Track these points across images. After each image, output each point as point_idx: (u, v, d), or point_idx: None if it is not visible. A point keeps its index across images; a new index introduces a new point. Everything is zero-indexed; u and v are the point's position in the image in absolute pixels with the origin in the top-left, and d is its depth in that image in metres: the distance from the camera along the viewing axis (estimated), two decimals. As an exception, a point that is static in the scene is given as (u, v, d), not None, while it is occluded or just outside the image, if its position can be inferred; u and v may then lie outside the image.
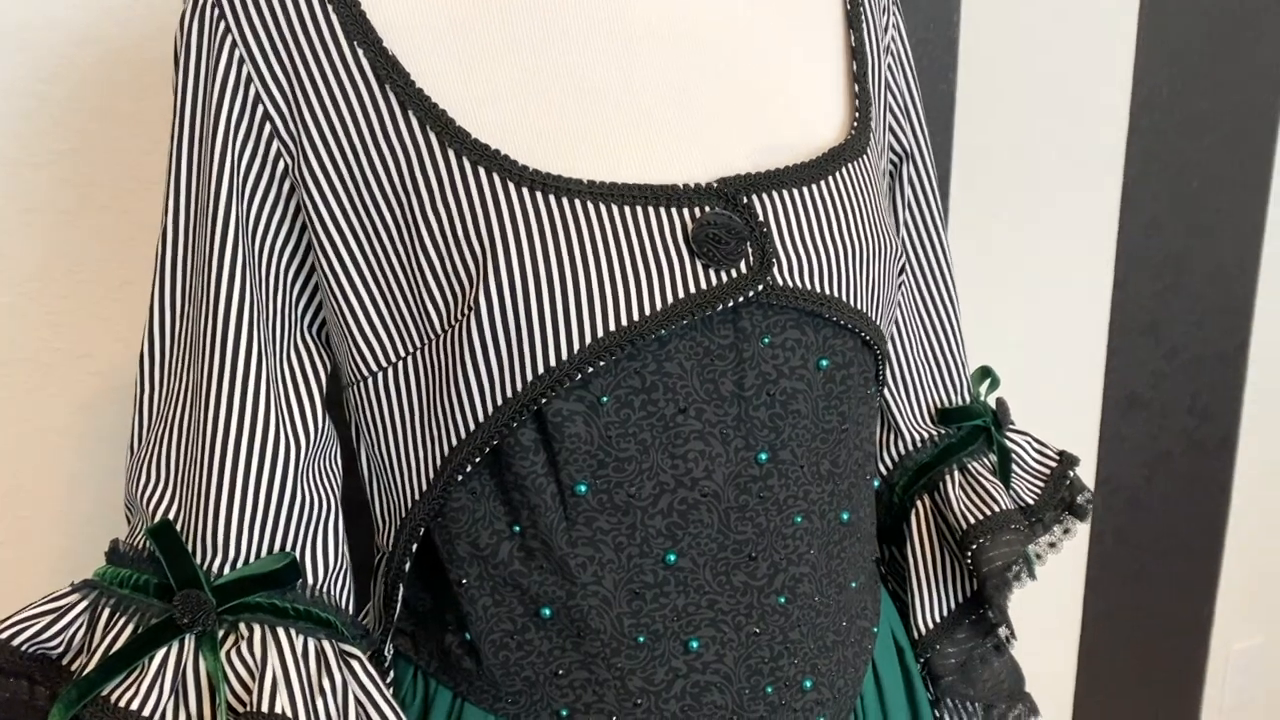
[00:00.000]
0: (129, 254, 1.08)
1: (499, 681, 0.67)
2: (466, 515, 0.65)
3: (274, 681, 0.59)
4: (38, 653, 0.61)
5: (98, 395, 1.12)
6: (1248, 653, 1.86)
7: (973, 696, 0.83)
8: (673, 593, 0.65)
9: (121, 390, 1.12)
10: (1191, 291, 1.65)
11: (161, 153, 1.07)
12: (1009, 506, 0.78)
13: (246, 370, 0.62)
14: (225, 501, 0.62)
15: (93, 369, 1.11)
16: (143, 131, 1.06)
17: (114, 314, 1.10)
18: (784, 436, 0.65)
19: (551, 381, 0.60)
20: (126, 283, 1.09)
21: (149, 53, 1.04)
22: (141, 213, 1.07)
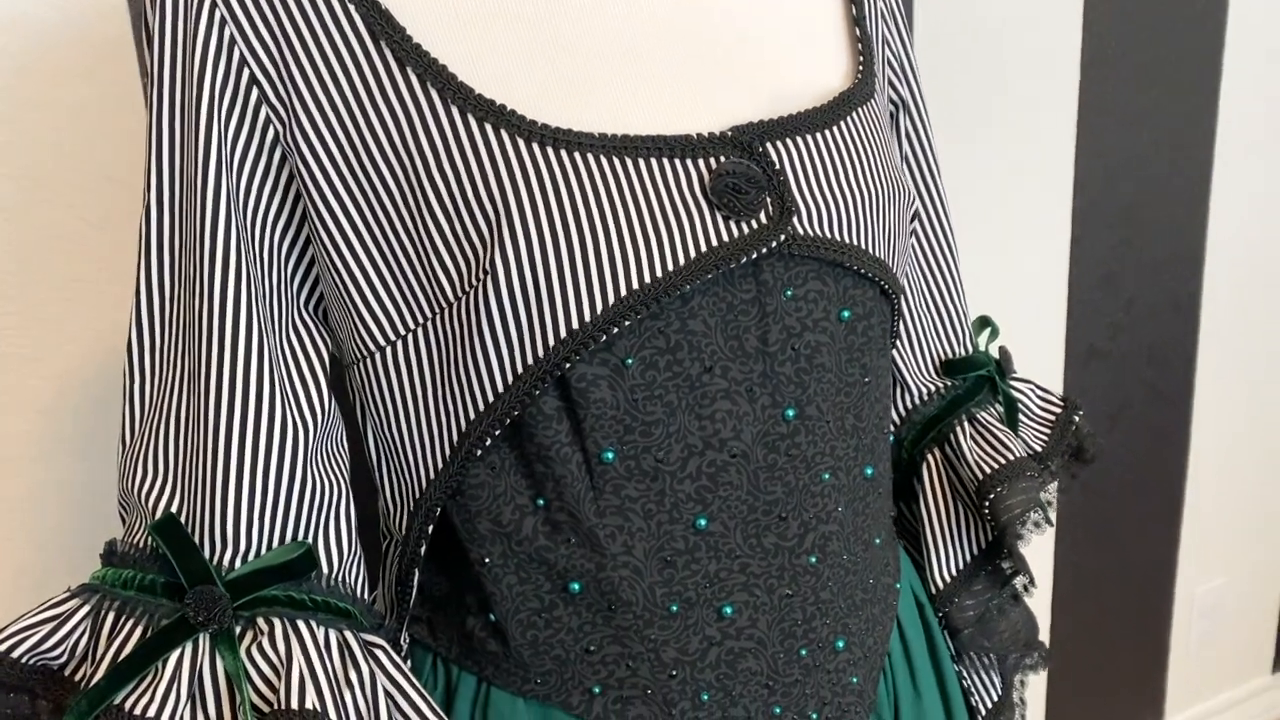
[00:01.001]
0: (77, 250, 1.03)
1: (528, 662, 0.64)
2: (486, 491, 0.62)
3: (301, 677, 0.56)
4: (39, 664, 0.57)
5: (53, 400, 1.07)
6: (1210, 594, 1.91)
7: (990, 648, 0.82)
8: (704, 558, 0.63)
9: (78, 392, 1.07)
10: (1145, 243, 1.67)
11: (108, 142, 1.01)
12: (1022, 454, 0.77)
13: (248, 351, 0.59)
14: (233, 492, 0.58)
15: (45, 373, 1.05)
16: (88, 121, 1.00)
17: (63, 314, 1.04)
18: (810, 392, 0.63)
19: (575, 345, 0.57)
20: (76, 280, 1.04)
21: (92, 36, 0.99)
22: (87, 206, 1.02)
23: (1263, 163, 1.73)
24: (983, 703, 0.85)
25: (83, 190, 1.01)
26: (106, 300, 1.04)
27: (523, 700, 0.65)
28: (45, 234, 1.01)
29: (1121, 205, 1.63)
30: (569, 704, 0.65)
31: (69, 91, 0.99)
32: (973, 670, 0.85)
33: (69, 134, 1.00)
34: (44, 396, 1.05)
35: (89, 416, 1.08)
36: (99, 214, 1.03)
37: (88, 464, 1.08)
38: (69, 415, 1.08)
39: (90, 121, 1.00)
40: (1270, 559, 1.98)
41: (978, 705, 0.84)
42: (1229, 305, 1.77)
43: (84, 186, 1.01)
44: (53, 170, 1.00)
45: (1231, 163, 1.70)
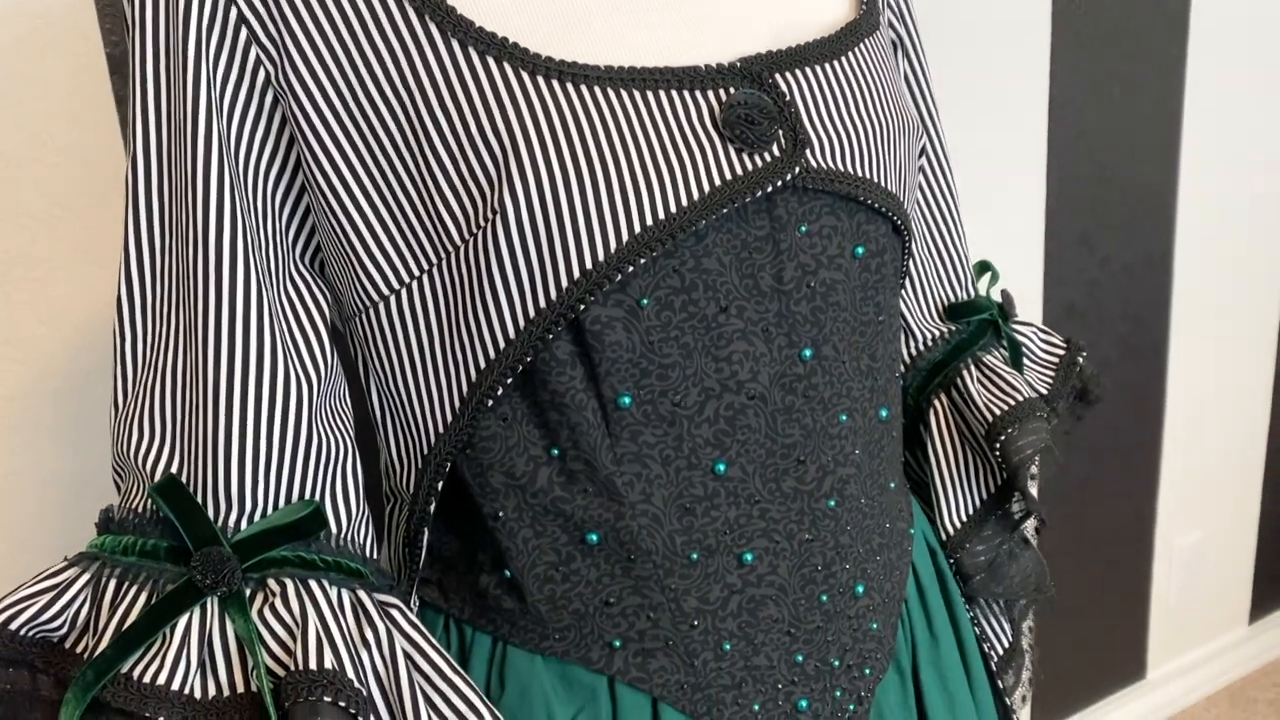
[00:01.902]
0: (47, 232, 0.99)
1: (545, 618, 0.63)
2: (499, 443, 0.61)
3: (318, 637, 0.53)
4: (38, 636, 0.55)
5: (25, 385, 1.03)
6: (1189, 548, 1.93)
7: (1001, 594, 0.82)
8: (723, 505, 0.62)
9: (52, 377, 1.03)
10: (1119, 200, 1.68)
11: (78, 121, 0.97)
12: (1030, 395, 0.76)
13: (246, 302, 0.56)
14: (236, 450, 0.56)
15: (15, 356, 1.01)
16: (56, 99, 0.96)
17: (34, 298, 1.00)
18: (826, 331, 0.62)
19: (590, 285, 0.55)
20: (47, 262, 1.00)
21: (59, 10, 0.95)
22: (51, 182, 0.98)
23: (1231, 120, 1.74)
24: (995, 649, 0.85)
25: (52, 169, 0.98)
26: (81, 283, 1.00)
27: (541, 658, 0.63)
28: (12, 215, 0.97)
29: (1095, 164, 1.63)
30: (589, 659, 0.63)
31: (36, 67, 0.95)
32: (984, 617, 0.84)
33: (36, 112, 0.96)
34: (15, 383, 1.01)
35: (64, 403, 1.05)
36: (70, 194, 0.99)
37: (62, 452, 1.04)
38: (44, 400, 1.04)
39: (59, 99, 0.96)
40: (1245, 512, 2.00)
41: (990, 652, 0.83)
42: (1201, 261, 1.79)
43: (43, 161, 0.97)
44: (19, 150, 0.96)
45: (1200, 120, 1.71)
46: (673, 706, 0.63)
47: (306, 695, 0.51)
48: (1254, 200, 1.82)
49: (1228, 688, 2.03)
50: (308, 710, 0.51)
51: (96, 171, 1.00)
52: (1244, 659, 2.06)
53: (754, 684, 0.64)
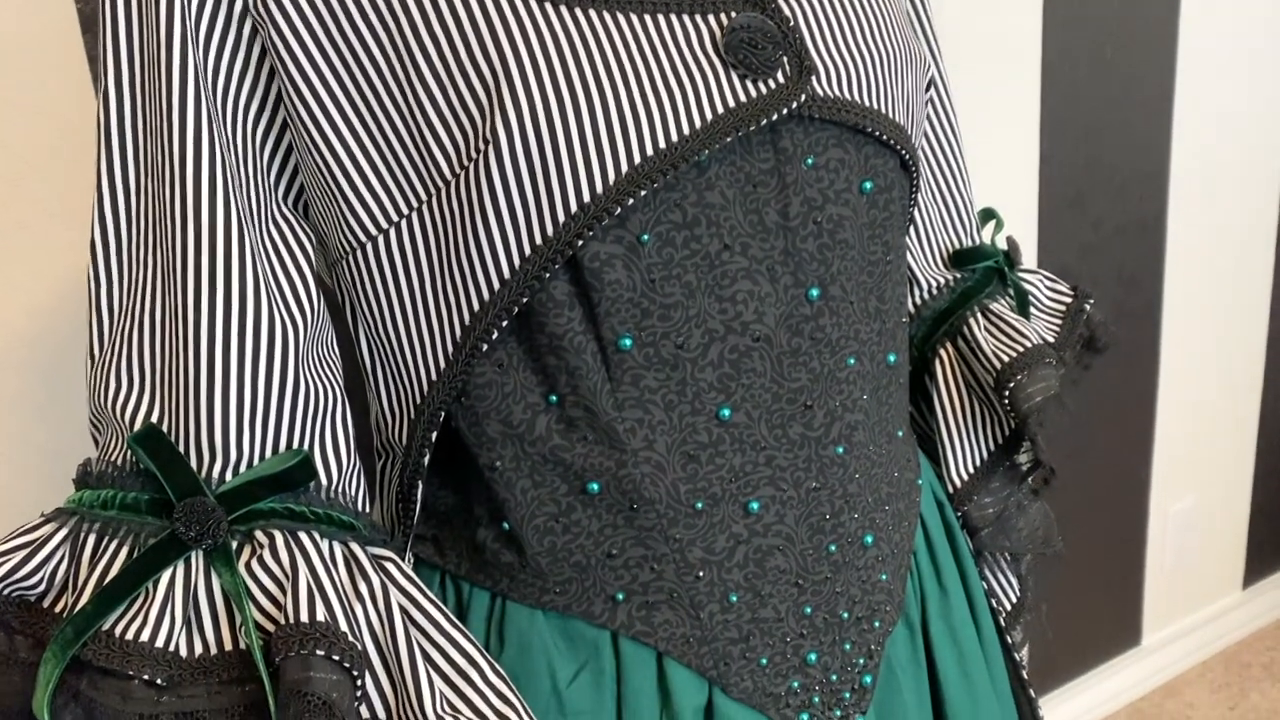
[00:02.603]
0: (15, 193, 0.96)
1: (545, 571, 0.60)
2: (494, 391, 0.58)
3: (309, 589, 0.51)
4: (14, 595, 0.52)
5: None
6: (1183, 513, 1.92)
7: (1009, 547, 0.80)
8: (728, 451, 0.59)
9: (26, 346, 1.00)
10: (1111, 161, 1.66)
11: (47, 77, 0.94)
12: (1039, 341, 0.74)
13: (227, 242, 0.53)
14: (219, 397, 0.53)
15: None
16: (24, 55, 0.93)
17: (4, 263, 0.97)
18: (833, 270, 0.60)
19: (588, 220, 0.53)
20: (18, 227, 0.96)
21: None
22: (20, 145, 0.95)
23: (1223, 80, 1.73)
24: (1003, 604, 0.83)
25: (21, 131, 0.94)
26: (54, 248, 0.97)
27: (541, 613, 0.61)
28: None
29: (1087, 126, 1.61)
30: (591, 613, 0.61)
31: (4, 27, 0.91)
32: (992, 571, 0.83)
33: (4, 71, 0.93)
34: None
35: (36, 373, 1.01)
36: (40, 154, 0.96)
37: (34, 424, 1.01)
38: (15, 372, 1.01)
39: (29, 55, 0.93)
40: (1239, 476, 2.00)
41: (998, 606, 0.81)
42: (1194, 223, 1.77)
43: (23, 128, 0.94)
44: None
45: (1193, 80, 1.69)
46: (678, 661, 0.61)
47: (298, 649, 0.49)
48: (1247, 163, 1.81)
49: (1222, 653, 2.02)
50: (300, 665, 0.49)
51: (68, 134, 0.96)
52: (1238, 624, 2.05)
53: (761, 637, 0.62)
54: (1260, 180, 1.84)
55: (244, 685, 0.51)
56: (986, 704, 0.73)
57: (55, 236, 0.97)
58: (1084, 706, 1.85)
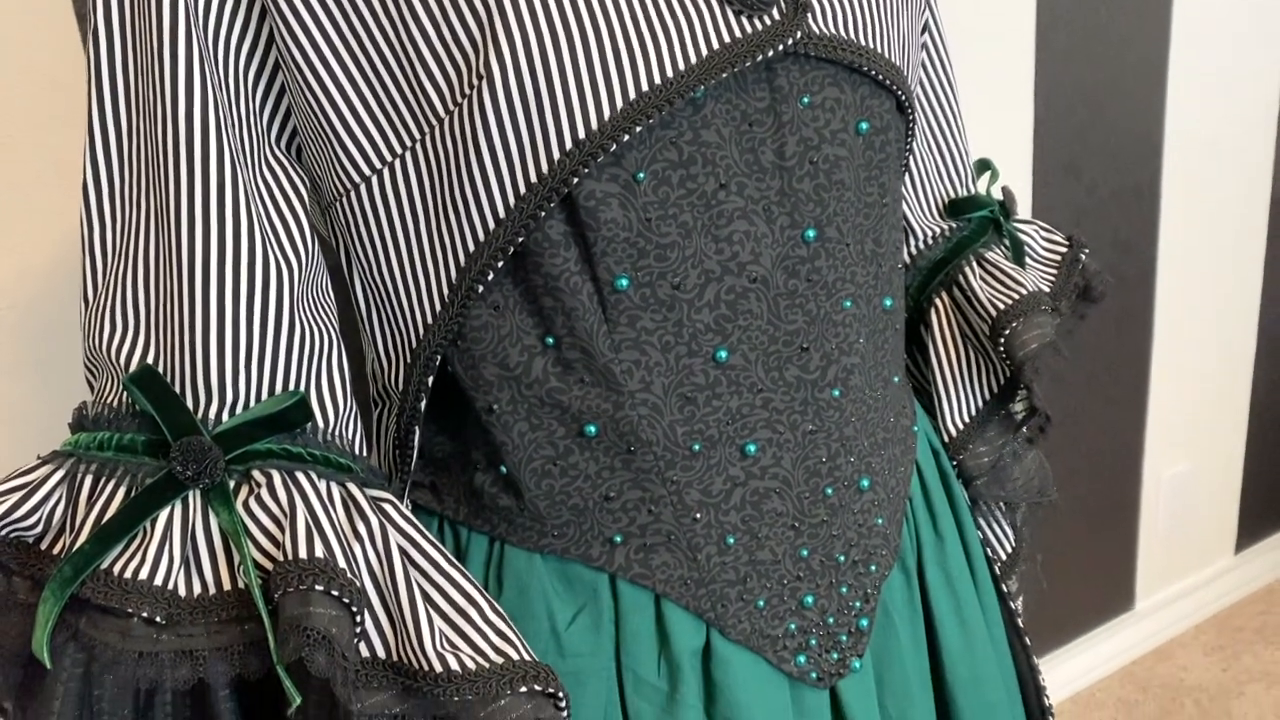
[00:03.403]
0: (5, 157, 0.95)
1: (544, 514, 0.60)
2: (490, 333, 0.58)
3: (308, 526, 0.51)
4: (12, 536, 0.52)
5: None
6: (1177, 479, 1.93)
7: (1004, 496, 0.80)
8: (725, 394, 0.60)
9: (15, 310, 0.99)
10: (1106, 126, 1.66)
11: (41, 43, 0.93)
12: (1035, 289, 0.74)
13: (220, 182, 0.53)
14: (215, 337, 0.53)
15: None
16: (15, 20, 0.92)
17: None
18: (830, 211, 0.60)
19: (583, 157, 0.53)
20: (9, 188, 0.96)
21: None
22: (8, 107, 0.94)
23: (1218, 45, 1.72)
24: (998, 554, 0.83)
25: (8, 93, 0.93)
26: (45, 210, 0.96)
27: (540, 556, 0.61)
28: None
29: (1082, 90, 1.61)
30: (589, 556, 0.61)
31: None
32: (987, 521, 0.83)
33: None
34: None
35: (30, 336, 1.01)
36: (30, 115, 0.95)
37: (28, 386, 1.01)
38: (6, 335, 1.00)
39: (17, 16, 0.92)
40: (1232, 442, 2.01)
41: (993, 556, 0.82)
42: (1189, 189, 1.77)
43: (9, 89, 0.93)
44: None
45: (1187, 45, 1.69)
46: (676, 603, 0.61)
47: (297, 585, 0.49)
48: (1242, 128, 1.81)
49: (1215, 617, 2.04)
50: (298, 600, 0.49)
51: (58, 94, 0.95)
52: (1231, 588, 2.07)
53: (759, 579, 0.63)
54: (1255, 146, 1.84)
55: (243, 624, 0.51)
56: (982, 650, 0.73)
57: (46, 198, 0.97)
58: (1077, 670, 1.87)
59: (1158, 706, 1.82)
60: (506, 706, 0.51)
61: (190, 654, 0.51)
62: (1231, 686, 1.85)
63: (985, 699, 0.73)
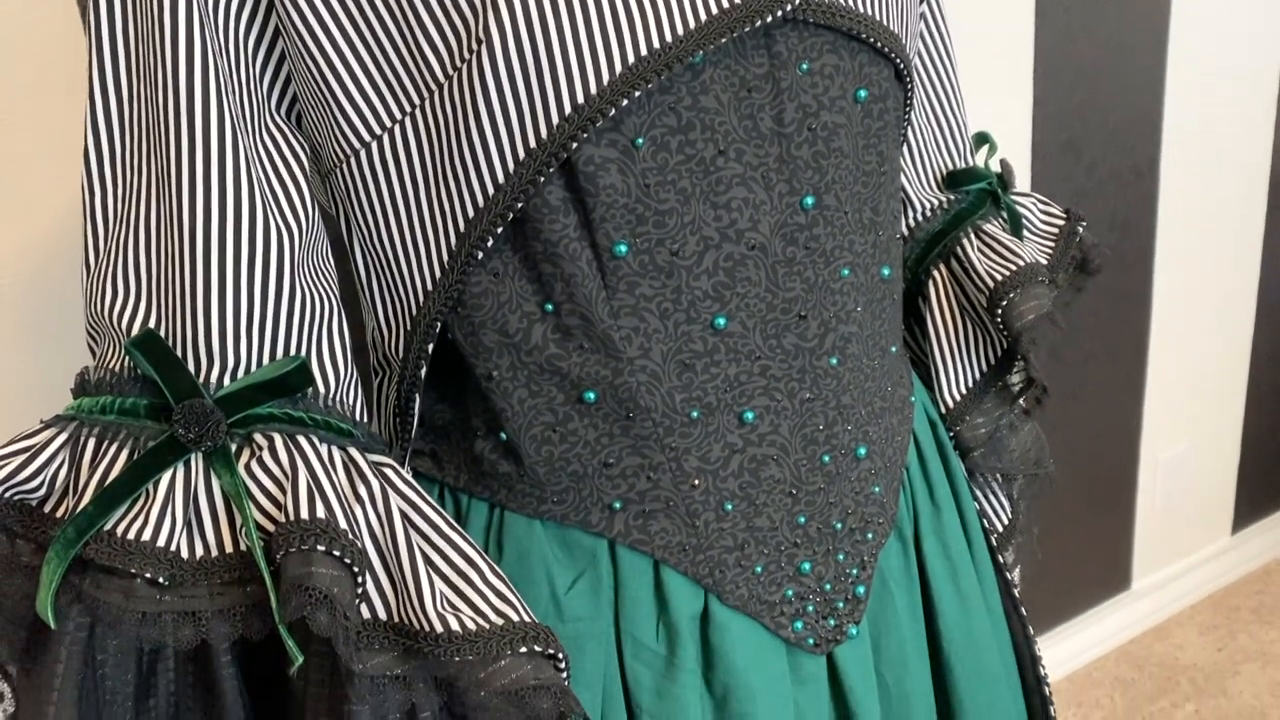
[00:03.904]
0: (4, 131, 0.95)
1: (543, 481, 0.61)
2: (490, 300, 0.58)
3: (309, 487, 0.51)
4: (16, 499, 0.52)
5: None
6: (1173, 459, 1.94)
7: (1001, 468, 0.81)
8: (724, 361, 0.60)
9: (17, 281, 0.99)
10: (1105, 105, 1.66)
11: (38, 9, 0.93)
12: (1033, 260, 0.75)
13: (221, 146, 0.53)
14: (216, 302, 0.53)
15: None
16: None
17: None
18: (828, 179, 0.60)
19: (582, 121, 0.53)
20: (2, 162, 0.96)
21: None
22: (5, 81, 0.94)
23: (1218, 25, 1.72)
24: (994, 526, 0.84)
25: (6, 62, 0.93)
26: (43, 179, 0.97)
27: (540, 522, 0.62)
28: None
29: (1082, 69, 1.61)
30: (588, 522, 0.61)
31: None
32: (984, 493, 0.83)
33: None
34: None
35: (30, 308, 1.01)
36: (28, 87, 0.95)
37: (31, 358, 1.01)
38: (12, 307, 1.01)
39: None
40: (1230, 422, 2.01)
41: (990, 528, 0.82)
42: (1188, 169, 1.77)
43: (8, 58, 0.93)
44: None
45: (1187, 25, 1.68)
46: (674, 569, 0.62)
47: (299, 545, 0.49)
48: (1242, 108, 1.81)
49: (1211, 597, 2.05)
50: (300, 560, 0.49)
51: (56, 67, 0.95)
52: (1227, 568, 2.08)
53: (756, 545, 0.63)
54: (1254, 126, 1.84)
55: (245, 586, 0.52)
56: (979, 619, 0.74)
57: (45, 171, 0.97)
58: (1074, 649, 1.88)
59: (1154, 685, 1.83)
60: (507, 667, 0.51)
61: (193, 615, 0.51)
62: (1227, 666, 1.86)
63: (981, 667, 0.74)
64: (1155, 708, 1.78)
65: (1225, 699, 1.78)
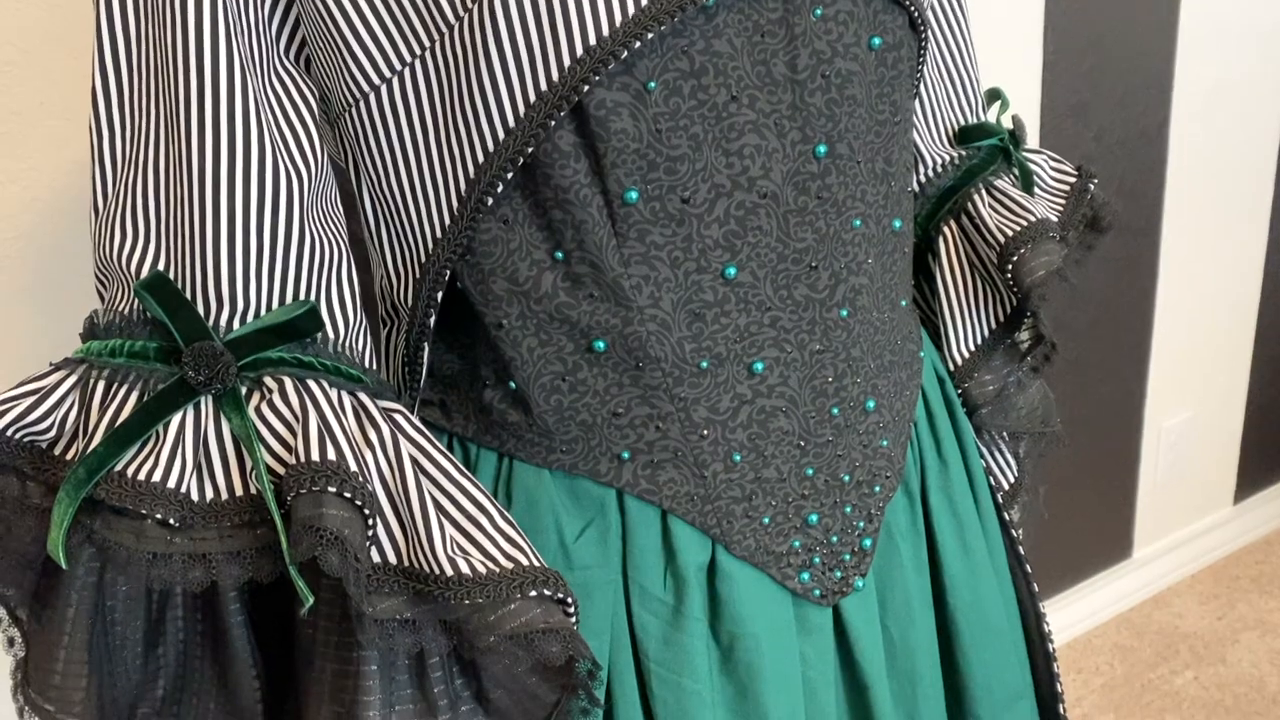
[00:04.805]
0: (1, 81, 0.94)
1: (552, 430, 0.61)
2: (500, 247, 0.58)
3: (320, 430, 0.51)
4: (26, 440, 0.52)
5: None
6: (1177, 428, 1.94)
7: (1008, 426, 0.81)
8: (734, 311, 0.60)
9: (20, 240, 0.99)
10: (1115, 70, 1.65)
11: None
12: (1044, 216, 0.74)
13: (230, 89, 0.53)
14: (225, 245, 0.53)
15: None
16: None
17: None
18: (841, 127, 0.59)
19: (594, 64, 0.52)
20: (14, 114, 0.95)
21: None
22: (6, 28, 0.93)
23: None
24: (1000, 484, 0.84)
25: (10, 15, 0.92)
26: (47, 134, 0.96)
27: (548, 472, 0.62)
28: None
29: (1091, 33, 1.59)
30: (597, 472, 0.61)
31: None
32: (991, 451, 0.83)
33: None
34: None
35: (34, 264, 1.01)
36: (33, 40, 0.94)
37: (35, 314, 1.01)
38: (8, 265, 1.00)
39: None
40: (1234, 392, 2.01)
41: (996, 485, 0.82)
42: (1197, 136, 1.76)
43: (12, 10, 0.92)
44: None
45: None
46: (682, 519, 0.62)
47: (310, 486, 0.49)
48: (1251, 75, 1.79)
49: (1212, 566, 2.05)
50: (312, 502, 0.49)
51: (61, 20, 0.95)
52: (1229, 538, 2.08)
53: (764, 496, 0.63)
54: (1264, 94, 1.82)
55: (255, 529, 0.52)
56: (984, 574, 0.74)
57: (49, 126, 0.96)
58: (1074, 617, 1.89)
59: (1153, 652, 1.84)
60: (516, 610, 0.51)
61: (203, 557, 0.51)
62: (1226, 634, 1.87)
63: (986, 622, 0.74)
64: (1154, 674, 1.79)
65: (1224, 666, 1.79)
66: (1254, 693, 1.74)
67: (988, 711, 0.74)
